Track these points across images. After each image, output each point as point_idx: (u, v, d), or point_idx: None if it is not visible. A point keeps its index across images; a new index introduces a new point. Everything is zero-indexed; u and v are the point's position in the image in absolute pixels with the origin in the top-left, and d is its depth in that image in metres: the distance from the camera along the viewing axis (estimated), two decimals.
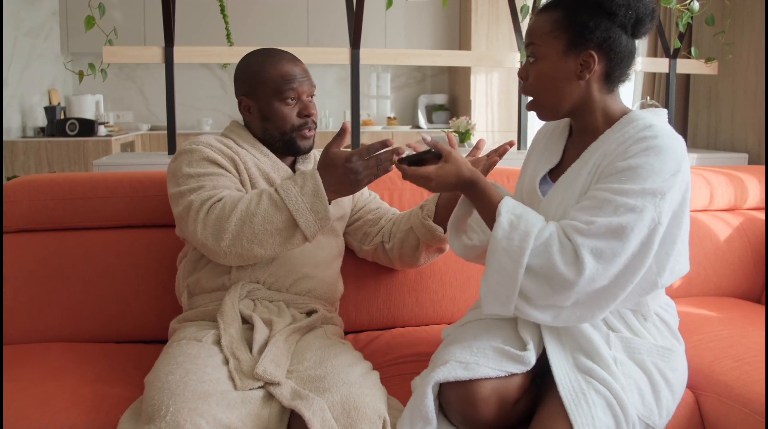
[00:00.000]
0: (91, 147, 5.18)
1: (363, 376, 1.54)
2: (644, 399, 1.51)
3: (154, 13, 5.76)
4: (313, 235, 1.63)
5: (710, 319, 2.11)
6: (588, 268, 1.40)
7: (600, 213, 1.43)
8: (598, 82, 1.57)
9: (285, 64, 1.82)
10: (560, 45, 1.54)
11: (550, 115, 1.63)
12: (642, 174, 1.45)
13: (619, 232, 1.42)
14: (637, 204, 1.43)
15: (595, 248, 1.41)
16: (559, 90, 1.57)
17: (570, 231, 1.44)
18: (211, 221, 1.62)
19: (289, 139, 1.84)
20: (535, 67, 1.58)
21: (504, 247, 1.44)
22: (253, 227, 1.60)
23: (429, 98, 7.10)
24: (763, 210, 2.67)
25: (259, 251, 1.63)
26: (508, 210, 1.48)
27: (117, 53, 2.81)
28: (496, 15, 6.48)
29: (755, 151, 3.28)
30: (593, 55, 1.53)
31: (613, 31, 1.52)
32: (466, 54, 5.76)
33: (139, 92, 6.79)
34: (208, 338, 1.62)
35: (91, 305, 2.00)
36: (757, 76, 3.26)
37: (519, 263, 1.43)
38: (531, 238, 1.43)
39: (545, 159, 1.71)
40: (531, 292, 1.45)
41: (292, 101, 1.82)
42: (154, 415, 1.35)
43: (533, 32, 1.59)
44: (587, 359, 1.51)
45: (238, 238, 1.61)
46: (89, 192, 2.07)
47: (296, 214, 1.59)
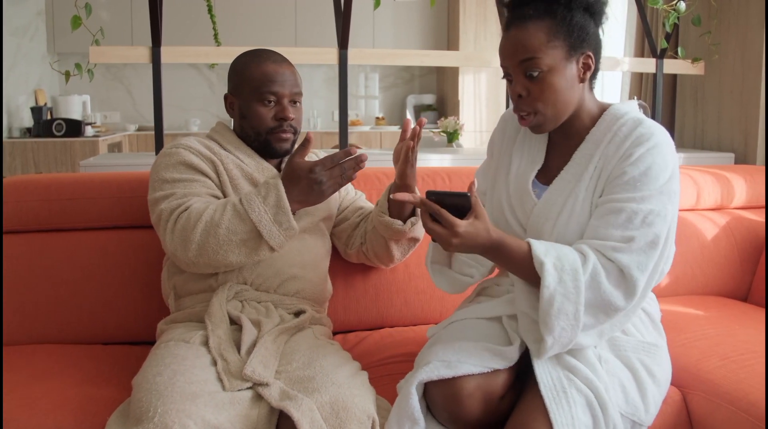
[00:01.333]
0: (77, 148, 5.16)
1: (352, 376, 1.54)
2: (628, 396, 1.52)
3: (141, 13, 5.75)
4: (280, 245, 1.63)
5: (697, 318, 2.12)
6: (640, 286, 1.44)
7: (631, 225, 1.46)
8: (588, 81, 1.59)
9: (269, 65, 1.81)
10: (561, 52, 1.51)
11: (551, 125, 1.57)
12: (653, 175, 1.49)
13: (655, 242, 1.46)
14: (660, 209, 1.47)
15: (640, 264, 1.44)
16: (567, 98, 1.54)
17: (610, 252, 1.45)
18: (178, 231, 1.63)
19: (264, 140, 1.83)
20: (541, 81, 1.51)
21: (561, 293, 1.42)
22: (217, 238, 1.60)
23: (417, 98, 7.11)
24: (750, 209, 2.68)
25: (226, 261, 1.63)
26: (545, 254, 1.44)
27: (104, 53, 2.80)
28: (484, 15, 6.49)
29: (741, 151, 3.30)
30: (590, 56, 1.54)
31: (590, 27, 1.53)
32: (454, 54, 5.77)
33: (127, 92, 6.76)
34: (196, 339, 1.62)
35: (78, 307, 1.99)
36: (743, 76, 3.28)
37: (579, 302, 1.42)
38: (580, 274, 1.42)
39: (528, 159, 1.69)
40: (589, 325, 1.46)
41: (270, 103, 1.81)
42: (142, 417, 1.35)
43: (528, 46, 1.49)
44: (571, 357, 1.51)
45: (204, 249, 1.61)
46: (76, 193, 2.05)
47: (259, 225, 1.59)
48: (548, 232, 1.57)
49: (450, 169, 2.43)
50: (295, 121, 1.84)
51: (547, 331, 1.44)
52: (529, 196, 1.64)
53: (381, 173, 2.26)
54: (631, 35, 4.34)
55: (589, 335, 1.48)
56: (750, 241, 2.54)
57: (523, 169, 1.68)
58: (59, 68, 5.65)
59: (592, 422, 1.43)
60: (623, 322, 1.52)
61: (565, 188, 1.58)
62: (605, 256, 1.45)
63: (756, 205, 2.70)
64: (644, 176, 1.48)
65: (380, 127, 6.97)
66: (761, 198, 2.69)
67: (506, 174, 1.72)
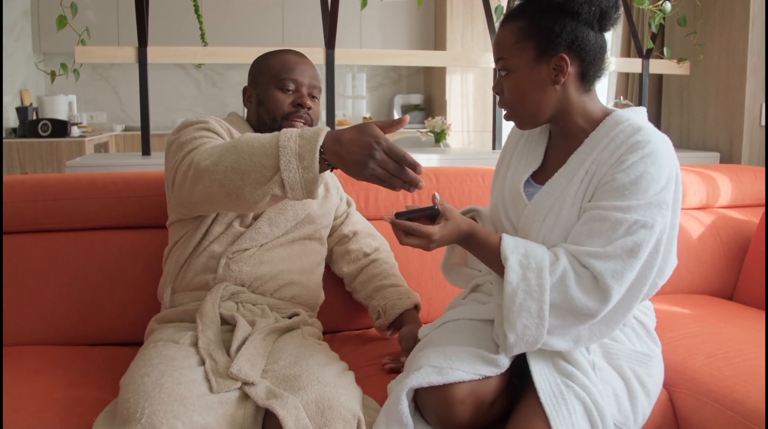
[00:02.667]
0: (63, 148, 5.13)
1: (338, 375, 1.54)
2: (621, 406, 1.52)
3: (128, 13, 5.73)
4: (291, 184, 1.41)
5: (683, 317, 2.13)
6: (614, 294, 1.42)
7: (614, 234, 1.44)
8: (574, 84, 1.55)
9: (290, 56, 1.87)
10: (530, 54, 1.52)
11: (530, 124, 1.60)
12: (643, 185, 1.46)
13: (635, 251, 1.43)
14: (647, 219, 1.44)
15: (615, 271, 1.42)
16: (536, 99, 1.55)
17: (585, 258, 1.44)
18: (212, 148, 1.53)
19: (279, 127, 1.81)
20: (508, 80, 1.55)
21: (523, 289, 1.42)
22: (240, 155, 1.44)
23: (404, 98, 7.11)
24: (735, 208, 2.70)
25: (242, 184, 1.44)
26: (512, 250, 1.45)
27: (90, 53, 2.79)
28: (471, 15, 6.50)
29: (727, 151, 3.33)
30: (565, 58, 1.51)
31: (580, 30, 1.51)
32: (442, 54, 5.78)
33: (113, 92, 6.73)
34: (185, 340, 1.61)
35: (64, 308, 1.98)
36: (728, 76, 3.30)
37: (542, 301, 1.41)
38: (546, 273, 1.42)
39: (526, 161, 1.69)
40: (557, 326, 1.45)
41: (289, 90, 1.83)
42: (129, 418, 1.34)
43: (500, 46, 1.56)
44: (566, 363, 1.51)
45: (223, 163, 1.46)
46: (62, 193, 2.04)
47: (282, 150, 1.40)
48: (535, 233, 1.56)
49: (437, 169, 2.43)
50: (312, 111, 1.85)
51: (509, 327, 1.44)
52: (520, 197, 1.63)
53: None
54: (618, 35, 4.37)
55: (564, 339, 1.47)
56: (735, 240, 2.56)
57: (520, 170, 1.68)
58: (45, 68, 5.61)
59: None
60: (605, 331, 1.50)
61: (555, 191, 1.57)
62: (579, 262, 1.44)
63: (741, 204, 2.72)
64: (634, 185, 1.46)
65: None
66: (746, 197, 2.71)
67: (504, 176, 1.73)
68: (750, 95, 3.20)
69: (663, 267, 1.56)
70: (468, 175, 2.37)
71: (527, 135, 1.74)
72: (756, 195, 2.73)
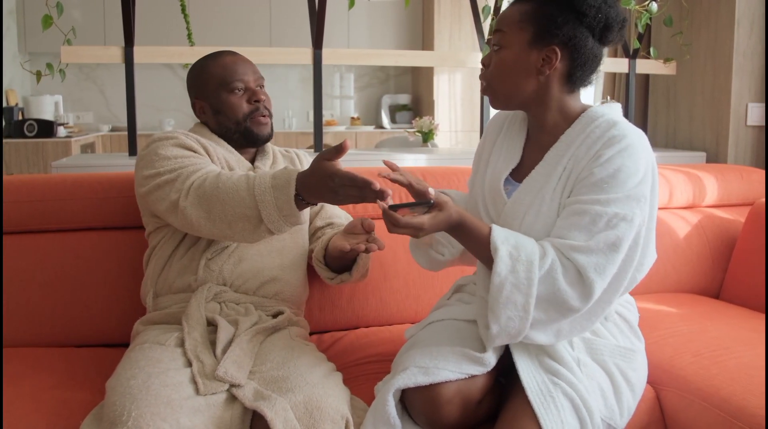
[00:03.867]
0: (50, 148, 5.09)
1: (326, 376, 1.54)
2: (607, 401, 1.53)
3: (114, 13, 5.70)
4: (278, 230, 1.53)
5: (670, 315, 2.14)
6: (597, 288, 1.43)
7: (594, 227, 1.44)
8: (559, 81, 1.57)
9: (226, 58, 1.88)
10: (526, 36, 1.54)
11: (502, 103, 1.62)
12: (621, 178, 1.47)
13: (616, 245, 1.44)
14: (626, 212, 1.45)
15: (598, 265, 1.43)
16: (516, 81, 1.57)
17: (568, 251, 1.44)
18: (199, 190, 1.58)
19: (245, 128, 1.85)
20: (498, 55, 1.58)
21: (512, 281, 1.42)
22: (224, 206, 1.54)
23: (392, 98, 7.11)
24: (721, 207, 2.72)
25: (230, 231, 1.57)
26: (502, 241, 1.46)
27: (76, 53, 2.77)
28: (459, 15, 6.51)
29: (713, 150, 3.34)
30: (556, 51, 1.53)
31: (580, 32, 1.52)
32: (429, 54, 5.78)
33: (100, 93, 6.70)
34: (171, 342, 1.60)
35: (50, 309, 1.97)
36: (714, 76, 3.32)
37: (529, 294, 1.42)
38: (535, 266, 1.42)
39: (504, 158, 1.70)
40: (540, 320, 1.45)
41: (239, 91, 1.84)
42: (115, 421, 1.34)
43: (503, 20, 1.58)
44: (552, 360, 1.52)
45: (214, 213, 1.56)
46: (48, 194, 2.03)
47: (261, 205, 1.51)
48: (515, 230, 1.57)
49: (425, 168, 2.43)
50: (267, 102, 1.88)
51: (493, 319, 1.44)
52: (499, 194, 1.64)
53: None
54: None
55: (545, 333, 1.48)
56: (721, 239, 2.57)
57: (499, 168, 1.69)
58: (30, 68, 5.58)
59: (579, 425, 1.44)
60: (585, 325, 1.51)
61: (533, 188, 1.58)
62: (564, 255, 1.45)
63: (727, 203, 2.73)
64: (612, 178, 1.47)
65: (355, 127, 6.96)
66: (732, 196, 2.73)
67: (483, 175, 1.73)
68: (736, 95, 3.22)
69: (642, 260, 1.57)
70: (456, 175, 2.38)
71: (505, 131, 1.75)
72: (742, 194, 2.74)
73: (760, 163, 3.28)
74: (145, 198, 1.73)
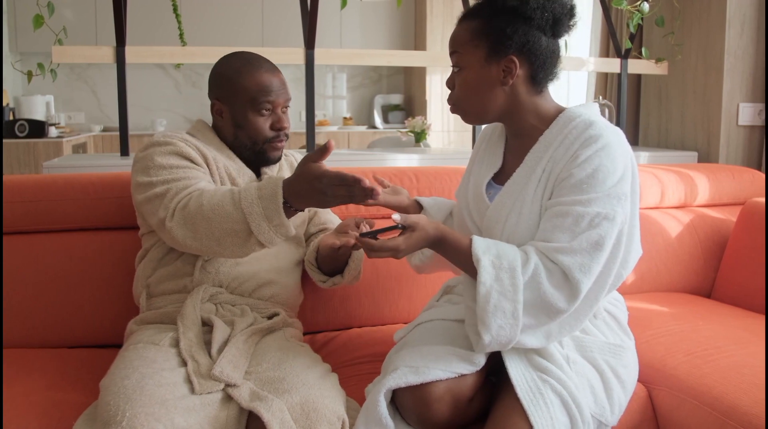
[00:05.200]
0: (41, 149, 5.07)
1: (322, 377, 1.54)
2: (597, 397, 1.53)
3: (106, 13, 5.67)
4: (269, 241, 1.53)
5: (662, 315, 2.15)
6: (583, 288, 1.43)
7: (577, 228, 1.45)
8: (524, 86, 1.58)
9: (263, 74, 1.79)
10: (481, 53, 1.55)
11: (475, 120, 1.65)
12: (600, 178, 1.48)
13: (599, 244, 1.45)
14: (608, 211, 1.46)
15: (582, 265, 1.43)
16: (483, 97, 1.58)
17: (552, 253, 1.45)
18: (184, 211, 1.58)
19: (260, 149, 1.82)
20: (459, 76, 1.60)
21: (498, 289, 1.42)
22: (210, 223, 1.53)
23: (385, 98, 7.11)
24: (712, 207, 2.73)
25: (219, 248, 1.56)
26: (484, 251, 1.46)
27: (67, 53, 2.76)
28: (451, 15, 6.51)
29: (704, 150, 3.35)
30: (514, 61, 1.54)
31: (531, 35, 1.53)
32: (421, 54, 5.78)
33: (91, 93, 6.68)
34: (166, 341, 1.60)
35: (43, 310, 1.96)
36: (705, 76, 3.33)
37: (516, 300, 1.42)
38: (518, 273, 1.43)
39: (487, 163, 1.72)
40: (530, 325, 1.46)
41: (267, 113, 1.80)
42: (109, 421, 1.33)
43: (455, 41, 1.60)
44: (541, 358, 1.52)
45: (198, 232, 1.56)
46: (39, 194, 2.03)
47: (249, 217, 1.50)
48: (498, 234, 1.58)
49: (417, 168, 2.43)
50: (288, 128, 1.84)
51: (484, 329, 1.44)
52: (482, 199, 1.66)
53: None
54: (596, 36, 4.39)
55: (535, 336, 1.48)
56: (713, 239, 2.58)
57: (482, 172, 1.71)
58: (21, 68, 5.56)
59: (569, 422, 1.45)
60: (573, 325, 1.51)
61: (514, 191, 1.59)
62: (548, 258, 1.45)
63: (718, 202, 2.74)
64: (591, 178, 1.48)
65: (348, 127, 6.96)
66: (723, 196, 2.74)
67: (467, 182, 1.76)
68: (727, 95, 3.23)
69: (626, 257, 1.58)
70: (448, 175, 2.38)
71: (488, 138, 1.77)
72: (733, 194, 2.76)
73: (752, 162, 3.30)
74: (138, 207, 1.73)
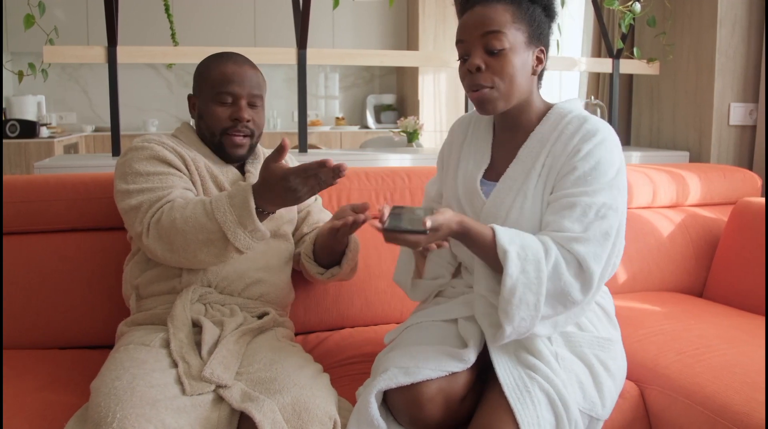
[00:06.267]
0: (32, 149, 5.06)
1: (313, 377, 1.53)
2: (586, 392, 1.53)
3: (97, 12, 5.66)
4: (246, 247, 1.58)
5: (654, 314, 2.15)
6: (596, 277, 1.46)
7: (586, 218, 1.48)
8: (537, 78, 1.63)
9: (228, 65, 1.80)
10: (523, 37, 1.55)
11: (502, 106, 1.57)
12: (602, 170, 1.52)
13: (608, 233, 1.48)
14: (612, 202, 1.50)
15: (595, 255, 1.46)
16: (521, 82, 1.57)
17: (567, 242, 1.46)
18: (154, 224, 1.62)
19: (218, 141, 1.81)
20: (502, 58, 1.52)
21: (523, 282, 1.42)
22: (185, 236, 1.58)
23: (377, 98, 7.11)
24: (704, 206, 2.74)
25: (196, 259, 1.62)
26: (509, 242, 1.44)
27: (58, 53, 2.75)
28: (444, 15, 6.52)
29: (696, 150, 3.36)
30: (543, 51, 1.59)
31: (549, 27, 1.60)
32: (414, 54, 5.78)
33: (83, 93, 6.66)
34: (156, 342, 1.60)
35: (34, 311, 1.96)
36: (696, 76, 3.34)
37: (540, 293, 1.43)
38: (543, 264, 1.43)
39: (474, 159, 1.72)
40: (546, 315, 1.46)
41: (227, 104, 1.79)
42: (100, 422, 1.33)
43: (494, 21, 1.52)
44: (529, 355, 1.53)
45: (174, 244, 1.60)
46: (30, 195, 2.02)
47: (224, 226, 1.55)
48: None
49: (409, 168, 2.43)
50: (252, 123, 1.81)
51: (507, 321, 1.44)
52: (477, 195, 1.65)
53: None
54: (588, 36, 4.40)
55: (544, 325, 1.49)
56: (705, 238, 2.59)
57: (471, 169, 1.71)
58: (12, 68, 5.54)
59: (554, 420, 1.45)
60: (578, 314, 1.54)
61: (513, 186, 1.60)
62: (564, 247, 1.46)
63: (710, 202, 2.75)
64: (594, 171, 1.51)
65: (340, 127, 6.96)
66: (715, 195, 2.75)
67: (454, 178, 1.75)
68: (718, 95, 3.24)
69: (620, 247, 1.60)
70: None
71: (471, 133, 1.77)
72: (725, 193, 2.76)
73: (743, 162, 3.31)
74: (120, 213, 1.74)
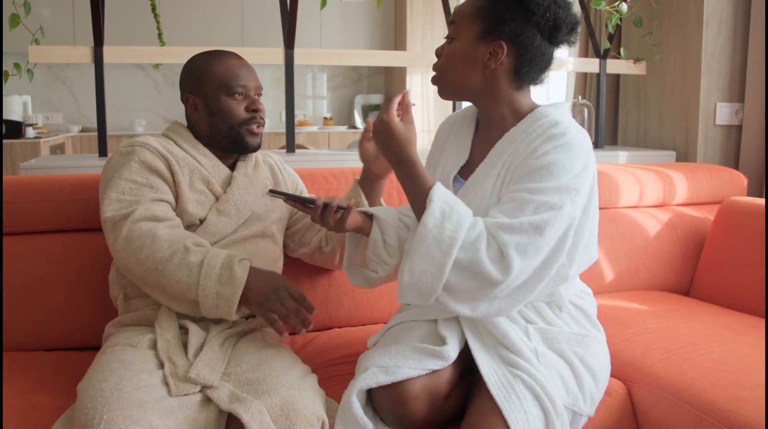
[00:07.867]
0: (18, 149, 5.02)
1: (301, 378, 1.53)
2: (568, 388, 1.54)
3: (84, 12, 5.63)
4: (208, 316, 1.62)
5: (641, 313, 2.16)
6: (515, 267, 1.42)
7: (521, 214, 1.45)
8: (506, 76, 1.60)
9: (232, 61, 1.83)
10: (476, 30, 1.58)
11: (450, 94, 1.67)
12: (554, 171, 1.49)
13: (541, 228, 1.44)
14: (555, 201, 1.46)
15: (519, 244, 1.43)
16: (463, 72, 1.61)
17: (494, 228, 1.45)
18: (132, 246, 1.62)
19: (237, 134, 1.82)
20: (449, 46, 1.63)
21: (435, 236, 1.43)
22: (161, 281, 1.61)
23: (365, 98, 7.11)
24: (690, 206, 2.75)
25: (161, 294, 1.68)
26: (440, 198, 1.47)
27: (44, 53, 2.73)
28: (431, 15, 6.52)
29: (682, 149, 3.38)
30: (503, 47, 1.56)
31: (527, 29, 1.56)
32: (401, 54, 5.78)
33: (69, 93, 6.62)
34: (143, 343, 1.59)
35: (20, 312, 1.94)
36: (683, 76, 3.35)
37: (448, 254, 1.42)
38: (463, 230, 1.43)
39: (454, 156, 1.73)
40: (455, 285, 1.45)
41: (240, 96, 1.81)
42: (87, 424, 1.32)
43: (457, 13, 1.64)
44: (509, 352, 1.53)
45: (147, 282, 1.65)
46: (16, 196, 2.00)
47: (202, 300, 1.59)
48: None
49: None
50: (263, 112, 1.85)
51: (407, 268, 1.45)
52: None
53: (328, 174, 2.25)
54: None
55: (460, 303, 1.48)
56: (691, 237, 2.60)
57: (449, 166, 1.72)
58: None
59: (543, 415, 1.45)
60: (504, 307, 1.50)
61: (476, 185, 1.61)
62: (490, 233, 1.45)
63: (696, 201, 2.77)
64: (544, 170, 1.49)
65: (328, 127, 6.95)
66: (701, 195, 2.76)
67: (433, 173, 1.76)
68: (704, 94, 3.26)
69: (573, 256, 1.57)
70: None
71: (456, 129, 1.78)
72: (711, 193, 2.78)
73: (729, 161, 3.33)
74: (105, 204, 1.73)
